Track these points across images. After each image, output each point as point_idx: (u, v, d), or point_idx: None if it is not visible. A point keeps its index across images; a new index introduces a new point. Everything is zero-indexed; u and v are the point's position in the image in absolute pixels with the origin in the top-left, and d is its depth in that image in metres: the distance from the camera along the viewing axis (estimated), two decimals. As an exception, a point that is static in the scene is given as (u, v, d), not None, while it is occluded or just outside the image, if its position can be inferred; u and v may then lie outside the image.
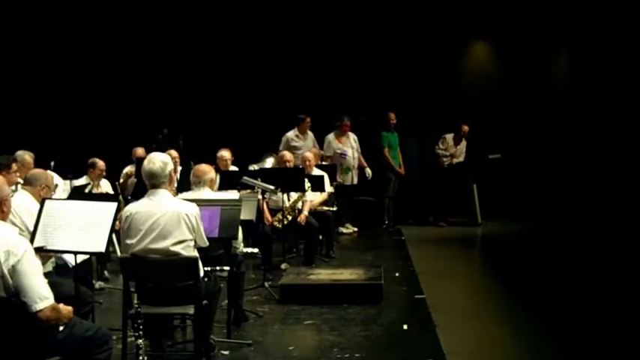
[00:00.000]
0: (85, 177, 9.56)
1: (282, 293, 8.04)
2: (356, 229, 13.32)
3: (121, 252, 5.47)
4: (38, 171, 6.34)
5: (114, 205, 5.02)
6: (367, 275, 8.38)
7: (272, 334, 6.87)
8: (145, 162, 5.48)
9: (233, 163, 10.80)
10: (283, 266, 9.51)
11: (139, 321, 4.87)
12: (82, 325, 4.43)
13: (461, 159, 13.79)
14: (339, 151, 12.91)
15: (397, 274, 9.38)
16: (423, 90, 14.46)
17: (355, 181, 13.10)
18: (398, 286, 8.71)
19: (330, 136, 13.08)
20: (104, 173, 9.72)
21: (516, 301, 8.18)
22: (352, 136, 13.14)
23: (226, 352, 6.23)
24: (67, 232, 4.98)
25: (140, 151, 11.63)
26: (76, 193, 7.72)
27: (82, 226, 4.96)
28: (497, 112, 14.41)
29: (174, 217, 5.37)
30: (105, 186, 9.69)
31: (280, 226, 9.57)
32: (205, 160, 10.40)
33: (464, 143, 13.82)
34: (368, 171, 13.27)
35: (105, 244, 4.90)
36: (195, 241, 5.52)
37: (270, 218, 9.58)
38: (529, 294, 8.43)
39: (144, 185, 5.70)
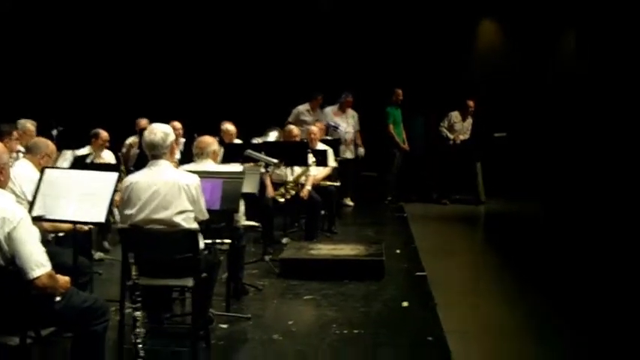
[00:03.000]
0: (87, 147, 9.51)
1: (282, 267, 8.02)
2: (352, 203, 13.34)
3: (120, 222, 5.42)
4: (39, 139, 6.30)
5: (114, 176, 4.99)
6: (368, 251, 8.35)
7: (271, 309, 6.86)
8: (146, 132, 5.43)
9: (237, 137, 10.75)
10: (284, 240, 9.49)
11: (137, 293, 4.83)
12: (80, 296, 4.40)
13: (466, 136, 13.70)
14: (332, 123, 12.91)
15: (398, 251, 9.35)
16: (430, 67, 14.38)
17: (350, 156, 13.05)
18: (399, 263, 8.68)
19: (328, 109, 13.12)
20: (107, 144, 9.66)
21: (518, 281, 8.15)
22: (351, 113, 13.19)
23: (225, 326, 6.21)
24: (66, 202, 4.96)
25: (144, 122, 11.54)
26: (78, 163, 7.66)
27: (81, 196, 4.94)
28: (504, 90, 14.35)
29: (174, 187, 5.32)
30: (107, 156, 9.63)
31: (283, 200, 9.53)
32: (209, 132, 10.47)
33: (470, 120, 13.75)
34: (361, 150, 13.34)
35: (105, 215, 4.87)
36: (196, 214, 5.47)
37: (272, 191, 9.53)
38: (531, 273, 8.41)
39: (147, 156, 5.67)
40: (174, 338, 5.90)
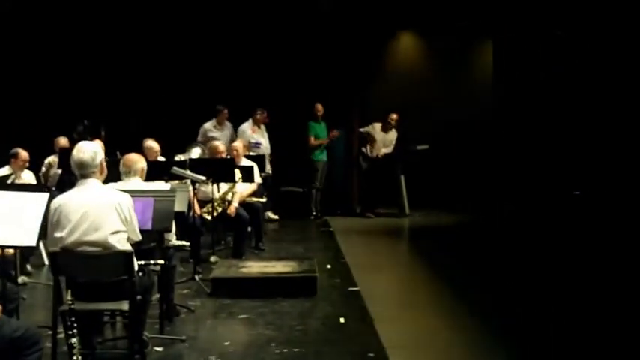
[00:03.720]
0: (7, 167, 9.17)
1: (213, 286, 7.82)
2: (277, 217, 13.24)
3: (49, 246, 5.17)
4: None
5: (45, 196, 4.76)
6: (301, 267, 8.22)
7: (206, 329, 6.68)
8: (75, 151, 5.20)
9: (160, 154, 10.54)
10: (213, 259, 9.28)
11: (72, 318, 4.61)
12: (10, 325, 4.18)
13: (389, 150, 13.70)
14: (252, 141, 12.80)
15: (329, 266, 9.24)
16: (350, 80, 14.32)
17: (270, 172, 12.89)
18: (331, 279, 8.58)
19: (245, 126, 13.00)
20: (27, 164, 9.32)
21: (448, 291, 8.16)
22: (263, 127, 13.15)
23: (160, 349, 6.01)
24: (-8, 225, 4.71)
25: (63, 141, 11.25)
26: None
27: (9, 218, 4.69)
28: (424, 102, 14.38)
29: (106, 207, 5.12)
30: (27, 177, 9.26)
31: (210, 217, 9.36)
32: (129, 150, 10.21)
33: (393, 134, 13.74)
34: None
35: (36, 238, 4.64)
36: (129, 235, 5.27)
37: (199, 210, 9.34)
38: (460, 284, 8.43)
39: (68, 177, 5.44)
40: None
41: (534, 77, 13.97)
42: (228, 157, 10.30)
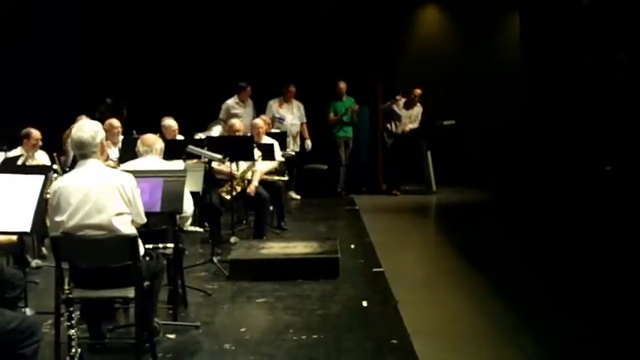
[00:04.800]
0: (19, 148, 8.92)
1: (231, 269, 7.53)
2: (298, 197, 12.98)
3: (51, 230, 4.88)
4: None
5: (40, 179, 4.47)
6: (322, 248, 7.89)
7: (222, 315, 6.37)
8: (74, 130, 4.91)
9: (179, 132, 10.29)
10: (232, 240, 8.97)
11: (71, 309, 4.32)
12: (4, 316, 3.89)
13: (415, 125, 13.33)
14: (277, 116, 12.61)
15: (353, 246, 8.93)
16: (374, 56, 13.99)
17: (296, 149, 12.64)
18: (355, 259, 8.27)
19: (272, 101, 12.85)
20: (39, 143, 9.02)
21: (475, 272, 7.80)
22: (296, 104, 12.93)
23: (172, 336, 5.72)
24: (-15, 210, 4.43)
25: (85, 119, 11.02)
26: (7, 166, 7.09)
27: (3, 203, 4.40)
28: (450, 77, 14.02)
29: (107, 188, 4.81)
30: (41, 157, 8.97)
31: (229, 197, 9.06)
32: (150, 129, 9.97)
33: (418, 109, 13.37)
34: (307, 143, 13.01)
35: (30, 223, 4.35)
36: (133, 217, 4.97)
37: (225, 169, 9.08)
38: (488, 265, 8.03)
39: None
40: (118, 353, 5.42)
41: (563, 48, 13.49)
42: (248, 134, 10.01)
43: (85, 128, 4.89)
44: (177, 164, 7.39)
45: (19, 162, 8.05)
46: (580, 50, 12.94)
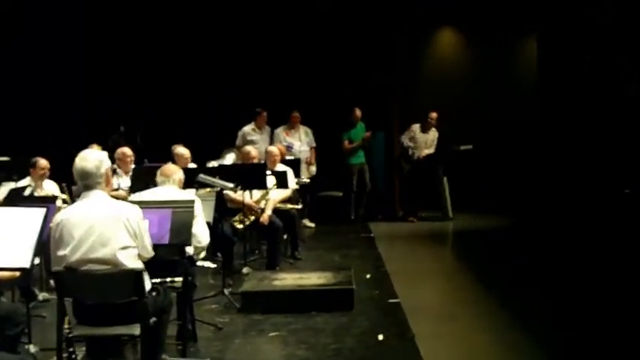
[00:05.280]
0: (28, 178, 8.75)
1: (243, 301, 7.33)
2: (313, 224, 12.77)
3: (53, 265, 4.70)
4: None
5: (41, 212, 4.29)
6: (336, 279, 7.67)
7: (232, 350, 6.16)
8: (77, 160, 4.71)
9: (191, 160, 10.14)
10: (245, 270, 8.78)
11: (71, 349, 4.12)
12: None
13: (431, 150, 13.14)
14: (285, 144, 12.35)
15: (368, 276, 8.71)
16: (389, 80, 13.83)
17: (309, 176, 12.42)
18: (370, 290, 8.03)
19: (279, 129, 12.71)
20: (47, 172, 8.83)
21: (494, 303, 7.55)
22: (304, 130, 12.77)
23: (181, 373, 5.53)
24: (-17, 245, 4.25)
25: (96, 148, 10.90)
26: (13, 197, 6.92)
27: (3, 237, 4.23)
28: (467, 100, 13.84)
29: (112, 220, 4.63)
30: (49, 187, 8.80)
31: (242, 226, 8.87)
32: (162, 157, 9.86)
33: (434, 134, 13.19)
34: (312, 168, 12.77)
35: (30, 259, 4.17)
36: (139, 251, 4.77)
37: (254, 204, 8.96)
38: (506, 294, 7.81)
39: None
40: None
41: (581, 71, 13.28)
42: (262, 161, 9.84)
43: (89, 158, 4.71)
44: (189, 194, 7.20)
45: (27, 192, 7.85)
46: (597, 72, 12.75)
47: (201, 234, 5.80)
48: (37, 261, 5.01)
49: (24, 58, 12.45)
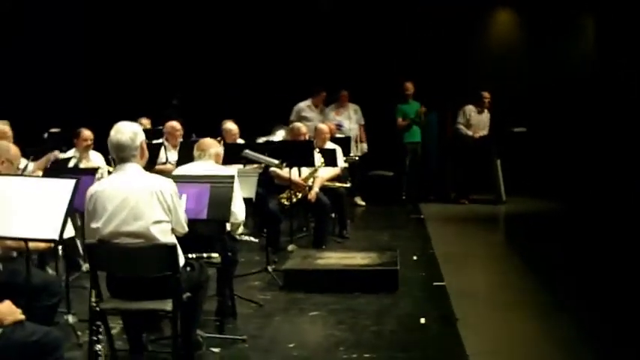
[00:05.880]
0: (73, 149, 8.74)
1: (286, 279, 7.24)
2: (364, 203, 12.65)
3: (87, 237, 4.64)
4: (-1, 143, 5.52)
5: (71, 183, 4.21)
6: (381, 259, 7.53)
7: (271, 328, 6.06)
8: (112, 132, 4.62)
9: (241, 136, 10.07)
10: (290, 248, 8.68)
11: (97, 323, 4.06)
12: (25, 330, 3.65)
13: (484, 132, 12.89)
14: (335, 123, 12.24)
15: (415, 257, 8.56)
16: (443, 59, 13.64)
17: (359, 154, 12.28)
18: (415, 271, 7.89)
19: (328, 109, 12.67)
20: (91, 143, 8.78)
21: (541, 291, 7.31)
22: (352, 107, 12.69)
23: (216, 350, 5.45)
24: (14, 215, 4.19)
25: (144, 121, 10.92)
26: (54, 168, 6.89)
27: (32, 208, 4.17)
28: (522, 82, 13.57)
29: (145, 193, 4.54)
30: (95, 158, 8.74)
31: (288, 203, 8.77)
32: (211, 132, 9.80)
33: (487, 115, 12.94)
34: (363, 146, 12.71)
35: (59, 230, 4.10)
36: (173, 226, 4.68)
37: (301, 181, 8.89)
38: (554, 282, 7.56)
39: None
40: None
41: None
42: (311, 138, 9.71)
43: (124, 130, 4.62)
44: (233, 169, 7.08)
45: (71, 164, 7.83)
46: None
47: (237, 210, 5.69)
48: (72, 232, 4.92)
49: (16, 29, 12.43)
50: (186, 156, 8.19)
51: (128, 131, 4.62)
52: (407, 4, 13.52)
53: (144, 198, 4.52)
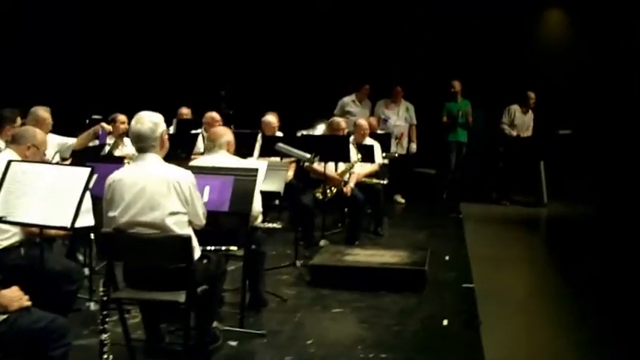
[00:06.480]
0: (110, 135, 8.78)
1: (312, 274, 7.22)
2: (404, 201, 12.55)
3: (105, 226, 4.65)
4: (26, 128, 5.55)
5: (86, 171, 4.23)
6: (410, 259, 7.45)
7: (292, 324, 6.03)
8: (133, 122, 4.64)
9: (282, 129, 10.07)
10: (322, 243, 8.63)
11: (104, 312, 4.07)
12: (31, 316, 3.67)
13: (528, 133, 12.71)
14: (382, 116, 12.31)
15: (447, 258, 8.46)
16: (491, 59, 13.50)
17: (402, 151, 12.22)
18: (446, 272, 7.79)
19: (381, 101, 12.61)
20: (127, 129, 8.81)
21: (569, 298, 7.18)
22: (405, 105, 12.54)
23: (234, 344, 5.44)
24: (31, 202, 4.22)
25: (185, 110, 10.97)
26: (82, 155, 6.90)
27: (48, 196, 4.20)
28: (571, 84, 13.35)
29: (162, 184, 4.54)
30: (130, 145, 8.77)
31: (322, 197, 8.74)
32: (252, 125, 9.84)
33: (530, 115, 12.74)
34: (412, 146, 12.62)
35: (71, 218, 4.12)
36: (190, 218, 4.68)
37: (337, 176, 8.90)
38: (584, 290, 7.39)
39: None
40: (172, 356, 5.15)
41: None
42: (349, 134, 9.66)
43: (144, 120, 4.63)
44: (250, 162, 6.92)
45: (104, 151, 7.85)
46: None
47: (255, 203, 5.62)
48: (89, 222, 4.93)
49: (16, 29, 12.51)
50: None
51: (148, 121, 4.62)
52: (459, 4, 13.41)
53: (161, 189, 4.52)
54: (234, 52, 13.73)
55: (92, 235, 6.40)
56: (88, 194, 4.85)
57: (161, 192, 4.52)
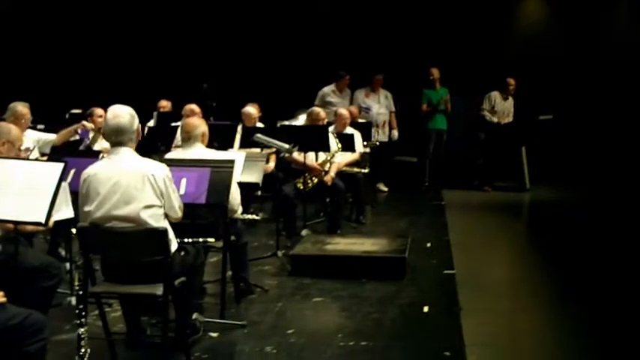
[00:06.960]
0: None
1: (293, 264, 7.23)
2: (387, 189, 12.61)
3: (80, 221, 4.65)
4: (0, 124, 5.52)
5: (59, 167, 4.23)
6: (391, 246, 7.48)
7: (273, 314, 6.03)
8: (110, 115, 4.62)
9: (263, 120, 10.06)
10: (304, 233, 8.65)
11: (80, 306, 4.07)
12: (6, 312, 3.67)
13: (509, 119, 12.74)
14: (363, 105, 12.30)
15: (428, 245, 8.48)
16: (470, 46, 13.50)
17: (384, 139, 12.27)
18: (427, 259, 7.82)
19: (359, 91, 12.58)
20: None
21: (556, 283, 7.18)
22: (384, 93, 12.55)
23: (215, 335, 5.44)
24: (5, 198, 4.21)
25: (164, 103, 10.97)
26: (59, 150, 6.89)
27: (22, 191, 4.19)
28: (550, 68, 13.39)
29: (137, 177, 4.54)
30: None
31: (303, 188, 8.75)
32: (234, 116, 9.84)
33: (511, 101, 12.77)
34: (394, 133, 12.62)
35: (45, 214, 4.12)
36: (166, 211, 4.68)
37: (317, 166, 8.85)
38: (571, 275, 7.42)
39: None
40: (152, 349, 5.15)
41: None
42: (328, 123, 9.67)
43: (122, 113, 4.62)
44: (227, 154, 6.86)
45: (82, 146, 7.84)
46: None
47: (232, 195, 5.62)
48: (69, 214, 4.94)
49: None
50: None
51: (125, 114, 4.63)
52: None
53: (135, 182, 4.52)
54: (215, 44, 13.71)
55: (74, 230, 6.42)
56: (66, 188, 4.88)
57: (136, 185, 4.52)
